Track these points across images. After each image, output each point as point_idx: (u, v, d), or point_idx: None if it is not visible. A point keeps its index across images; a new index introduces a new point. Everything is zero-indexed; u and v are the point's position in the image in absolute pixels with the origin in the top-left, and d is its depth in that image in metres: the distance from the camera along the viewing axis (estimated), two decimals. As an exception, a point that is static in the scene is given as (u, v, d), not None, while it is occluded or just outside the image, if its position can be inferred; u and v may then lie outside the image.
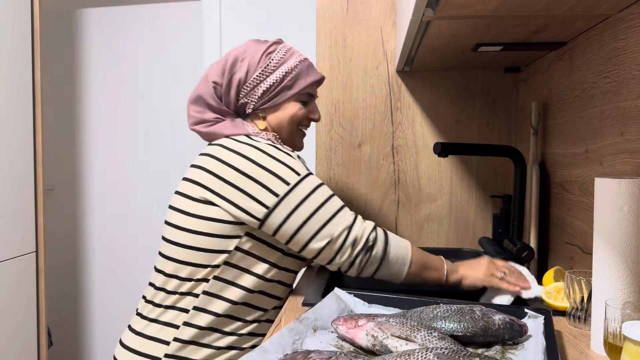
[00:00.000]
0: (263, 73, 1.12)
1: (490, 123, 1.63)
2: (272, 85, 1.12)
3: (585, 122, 1.10)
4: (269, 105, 1.13)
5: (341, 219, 1.02)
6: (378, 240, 1.04)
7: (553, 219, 1.30)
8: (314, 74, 1.17)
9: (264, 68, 1.12)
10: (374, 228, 1.04)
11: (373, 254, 1.03)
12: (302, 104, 1.16)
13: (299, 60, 1.15)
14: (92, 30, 2.78)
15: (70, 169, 2.85)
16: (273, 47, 1.15)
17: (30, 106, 2.06)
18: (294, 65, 1.14)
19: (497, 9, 0.91)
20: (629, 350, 0.65)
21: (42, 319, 2.12)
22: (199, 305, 1.04)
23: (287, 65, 1.13)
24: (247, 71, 1.12)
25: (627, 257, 0.78)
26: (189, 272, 1.05)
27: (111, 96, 2.79)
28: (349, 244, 1.01)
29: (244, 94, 1.13)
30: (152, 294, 1.09)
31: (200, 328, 1.04)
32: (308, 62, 1.17)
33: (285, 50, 1.16)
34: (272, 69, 1.12)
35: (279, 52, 1.14)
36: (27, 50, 2.04)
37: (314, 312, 0.85)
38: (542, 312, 0.86)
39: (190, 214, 1.05)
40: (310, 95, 1.18)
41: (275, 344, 0.71)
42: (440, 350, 0.65)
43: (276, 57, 1.14)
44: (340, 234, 1.01)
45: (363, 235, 1.02)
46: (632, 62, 0.90)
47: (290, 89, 1.14)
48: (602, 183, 0.81)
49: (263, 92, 1.12)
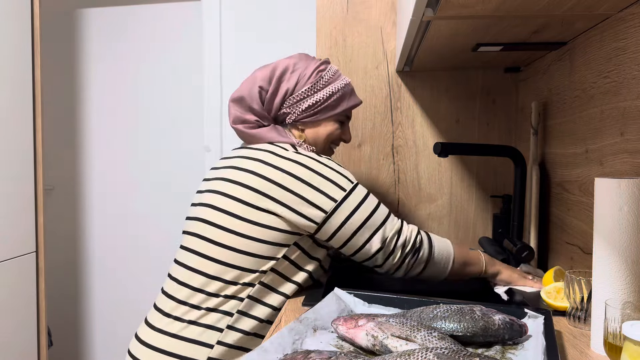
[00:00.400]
0: (312, 89, 1.17)
1: (490, 123, 1.63)
2: (317, 102, 1.17)
3: (585, 122, 1.10)
4: (310, 120, 1.19)
5: (391, 223, 1.09)
6: (424, 242, 1.11)
7: (553, 219, 1.30)
8: (356, 99, 1.25)
9: (313, 84, 1.17)
10: (418, 231, 1.11)
11: (420, 255, 1.10)
12: (339, 124, 1.23)
13: (345, 83, 1.22)
14: (92, 30, 2.78)
15: (70, 169, 2.85)
16: (324, 65, 1.21)
17: (30, 106, 2.06)
18: (340, 87, 1.20)
19: (497, 9, 0.91)
20: (629, 350, 0.65)
21: (42, 319, 2.12)
22: (243, 309, 1.04)
23: (335, 86, 1.19)
24: (297, 83, 1.17)
25: (627, 257, 0.78)
26: (235, 276, 1.04)
27: (111, 96, 2.79)
28: (399, 247, 1.08)
29: (288, 104, 1.17)
30: (187, 295, 1.06)
31: (245, 333, 1.04)
32: (351, 86, 1.24)
33: (334, 71, 1.22)
34: (321, 86, 1.18)
35: (329, 72, 1.20)
36: (27, 50, 2.04)
37: (314, 312, 0.85)
38: (542, 312, 0.86)
39: (246, 219, 1.05)
40: (347, 117, 1.25)
41: (275, 344, 0.71)
42: (440, 350, 0.65)
43: (326, 76, 1.19)
44: (392, 238, 1.08)
45: (411, 238, 1.09)
46: (632, 62, 0.90)
47: (334, 109, 1.20)
48: (602, 183, 0.81)
49: (308, 107, 1.17)
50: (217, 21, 2.50)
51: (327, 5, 1.65)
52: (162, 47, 2.72)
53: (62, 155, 2.85)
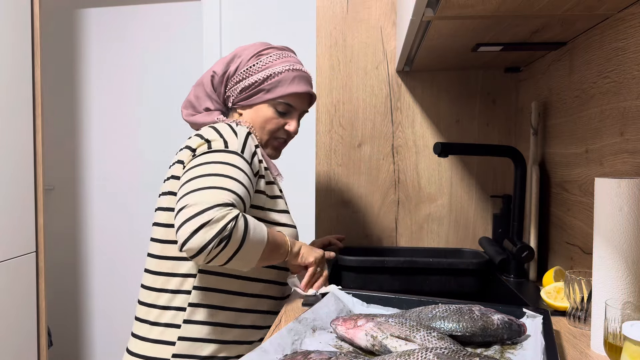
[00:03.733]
0: (248, 71, 1.15)
1: (490, 123, 1.63)
2: (251, 85, 1.14)
3: (585, 122, 1.10)
4: (244, 103, 1.16)
5: (213, 195, 0.92)
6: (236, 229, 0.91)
7: (553, 219, 1.30)
8: (298, 86, 1.15)
9: (250, 66, 1.15)
10: (235, 216, 0.92)
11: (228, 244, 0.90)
12: (278, 113, 1.16)
13: (287, 69, 1.15)
14: (92, 30, 2.78)
15: (70, 169, 2.85)
16: (269, 50, 1.17)
17: (30, 106, 2.06)
18: (278, 71, 1.14)
19: (497, 9, 0.91)
20: (629, 350, 0.64)
21: (42, 319, 2.12)
22: (194, 301, 1.05)
23: (272, 70, 1.14)
24: (237, 66, 1.16)
25: (627, 257, 0.78)
26: (170, 266, 1.07)
27: (111, 96, 2.79)
28: (203, 220, 0.88)
29: (229, 87, 1.17)
30: (145, 295, 1.10)
31: (204, 323, 1.05)
32: (299, 73, 1.16)
33: (278, 55, 1.17)
34: (256, 69, 1.14)
35: (271, 56, 1.16)
36: (27, 50, 2.04)
37: (313, 312, 0.85)
38: (541, 312, 0.86)
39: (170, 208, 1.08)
40: (290, 106, 1.16)
41: (274, 344, 0.71)
42: (440, 350, 0.65)
43: (265, 60, 1.15)
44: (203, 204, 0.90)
45: (221, 220, 0.89)
46: (632, 62, 0.90)
47: (267, 92, 1.14)
48: (602, 183, 0.81)
49: (242, 89, 1.15)
50: (217, 21, 2.50)
51: (327, 6, 1.65)
52: (162, 47, 2.72)
53: (62, 155, 2.85)
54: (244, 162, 1.02)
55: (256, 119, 1.15)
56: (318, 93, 1.67)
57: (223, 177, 0.97)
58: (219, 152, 1.01)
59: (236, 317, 1.08)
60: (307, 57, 2.45)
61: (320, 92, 1.66)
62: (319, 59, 1.66)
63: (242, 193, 0.98)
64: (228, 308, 1.07)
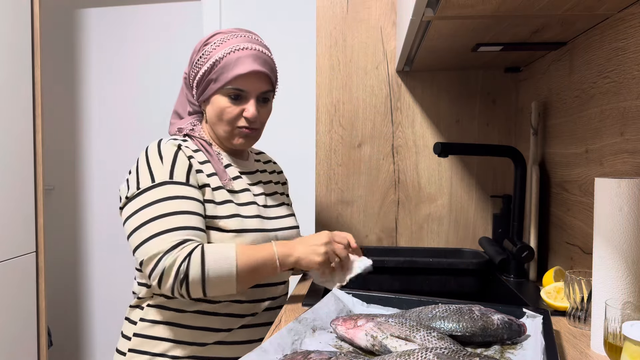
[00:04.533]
0: (197, 64, 1.09)
1: (490, 123, 1.63)
2: (202, 77, 1.08)
3: (585, 122, 1.10)
4: (202, 98, 1.10)
5: (158, 245, 0.93)
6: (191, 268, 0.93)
7: (553, 219, 1.30)
8: (241, 67, 1.04)
9: (198, 59, 1.09)
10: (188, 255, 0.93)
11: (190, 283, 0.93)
12: (232, 100, 1.07)
13: (228, 52, 1.05)
14: (93, 30, 2.78)
15: (70, 169, 2.85)
16: (214, 37, 1.09)
17: (30, 106, 2.06)
18: (220, 57, 1.05)
19: (497, 9, 0.91)
20: (629, 350, 0.64)
21: (42, 319, 2.12)
22: (151, 302, 1.08)
23: (215, 56, 1.05)
24: (191, 62, 1.11)
25: (627, 257, 0.78)
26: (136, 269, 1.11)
27: (111, 96, 2.79)
28: (158, 273, 0.93)
29: (191, 86, 1.13)
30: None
31: (156, 322, 1.06)
32: (242, 53, 1.05)
33: (221, 40, 1.07)
34: (203, 60, 1.07)
35: (214, 43, 1.07)
36: (27, 50, 2.04)
37: (313, 312, 0.85)
38: (541, 312, 0.86)
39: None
40: (240, 90, 1.06)
41: (274, 344, 0.71)
42: (440, 350, 0.65)
43: (209, 48, 1.07)
44: (153, 258, 0.93)
45: (173, 267, 0.92)
46: (632, 62, 0.90)
47: (215, 82, 1.06)
48: (602, 183, 0.81)
49: (197, 84, 1.10)
50: (217, 21, 2.50)
51: (327, 6, 1.65)
52: (163, 47, 2.72)
53: (62, 155, 2.85)
54: (177, 187, 0.99)
55: (214, 112, 1.08)
56: (318, 93, 1.67)
57: (163, 217, 0.95)
58: (146, 192, 0.98)
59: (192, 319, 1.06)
60: (307, 57, 2.45)
61: (320, 92, 1.66)
62: (319, 59, 1.66)
63: (189, 221, 0.96)
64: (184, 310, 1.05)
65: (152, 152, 1.03)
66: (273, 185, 1.26)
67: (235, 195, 1.09)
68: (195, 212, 0.99)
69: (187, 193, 0.99)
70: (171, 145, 1.04)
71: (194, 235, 0.96)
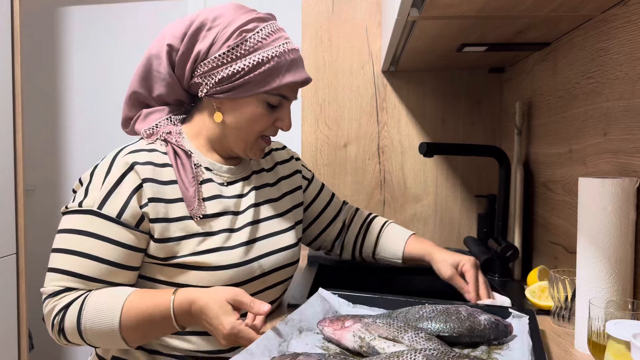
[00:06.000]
0: (229, 54, 0.87)
1: (474, 123, 1.64)
2: (235, 73, 0.87)
3: (568, 122, 1.11)
4: (225, 96, 0.89)
5: (48, 281, 0.84)
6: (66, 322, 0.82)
7: (537, 219, 1.31)
8: (296, 74, 0.90)
9: (233, 47, 0.87)
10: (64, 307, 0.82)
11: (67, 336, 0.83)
12: (269, 108, 0.91)
13: (283, 50, 0.89)
14: (74, 29, 2.74)
15: (51, 170, 2.80)
16: (255, 23, 0.89)
17: (10, 105, 2.02)
18: (273, 55, 0.87)
19: (482, 9, 0.91)
20: (612, 348, 0.65)
21: (23, 322, 2.08)
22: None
23: (264, 53, 0.87)
24: (212, 44, 0.88)
25: (610, 256, 0.79)
26: None
27: (93, 95, 2.75)
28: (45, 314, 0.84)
29: (200, 72, 0.89)
30: None
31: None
32: (295, 55, 0.91)
33: (269, 31, 0.90)
34: (242, 51, 0.87)
35: (260, 32, 0.88)
36: (6, 49, 2.00)
37: (299, 313, 0.84)
38: (527, 312, 0.87)
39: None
40: (284, 98, 0.92)
41: (261, 346, 0.70)
42: (429, 351, 0.65)
43: (253, 38, 0.87)
44: (42, 295, 0.85)
45: (50, 316, 0.83)
46: (614, 62, 0.91)
47: (259, 85, 0.87)
48: (585, 183, 0.81)
49: (222, 79, 0.88)
50: (201, 20, 2.48)
51: (313, 5, 1.64)
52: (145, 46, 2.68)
53: (43, 156, 2.81)
54: (100, 222, 0.83)
55: (241, 116, 0.90)
56: (303, 93, 1.66)
57: (64, 253, 0.84)
58: (69, 215, 0.86)
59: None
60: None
61: (306, 92, 1.66)
62: (305, 59, 1.65)
63: (87, 269, 0.82)
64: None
65: (102, 166, 0.88)
66: (270, 190, 1.03)
67: (208, 224, 0.89)
68: (103, 258, 0.83)
69: (107, 232, 0.83)
70: (123, 164, 0.85)
71: (80, 284, 0.82)
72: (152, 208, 0.85)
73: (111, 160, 0.88)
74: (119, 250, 0.83)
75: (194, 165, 0.90)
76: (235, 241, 0.91)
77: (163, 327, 0.81)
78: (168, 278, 0.88)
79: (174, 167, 0.89)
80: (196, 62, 0.89)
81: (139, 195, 0.84)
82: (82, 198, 0.86)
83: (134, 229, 0.84)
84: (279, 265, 0.98)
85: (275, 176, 1.06)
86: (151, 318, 0.80)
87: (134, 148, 0.90)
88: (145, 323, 0.80)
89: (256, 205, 0.97)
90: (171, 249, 0.86)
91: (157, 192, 0.86)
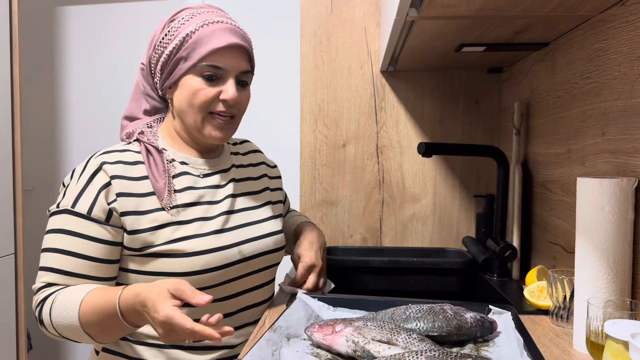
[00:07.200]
0: (161, 45, 0.94)
1: (473, 123, 1.64)
2: (168, 57, 0.93)
3: (567, 122, 1.11)
4: (167, 82, 0.95)
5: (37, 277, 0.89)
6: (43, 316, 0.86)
7: (536, 219, 1.31)
8: (219, 40, 0.90)
9: (163, 38, 0.94)
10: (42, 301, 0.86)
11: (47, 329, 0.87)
12: (208, 81, 0.92)
13: (200, 25, 0.91)
14: (73, 29, 2.74)
15: (50, 170, 2.80)
16: (181, 12, 0.95)
17: (8, 105, 2.01)
18: (191, 31, 0.91)
19: (480, 9, 0.91)
20: (611, 348, 0.65)
21: (22, 322, 2.08)
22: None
23: (185, 31, 0.91)
24: (154, 45, 0.96)
25: (608, 256, 0.79)
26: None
27: (92, 95, 2.75)
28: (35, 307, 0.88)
29: (154, 72, 0.97)
30: None
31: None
32: (218, 26, 0.92)
33: (191, 14, 0.93)
34: (170, 38, 0.92)
35: (183, 18, 0.93)
36: (5, 49, 1.99)
37: (285, 319, 0.82)
38: (507, 308, 0.87)
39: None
40: (217, 68, 0.92)
41: (256, 356, 0.69)
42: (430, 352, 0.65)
43: (176, 24, 0.93)
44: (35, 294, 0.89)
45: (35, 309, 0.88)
46: (613, 62, 0.91)
47: (186, 59, 0.91)
48: (584, 183, 0.81)
49: (162, 67, 0.95)
50: (200, 20, 2.48)
51: (311, 5, 1.64)
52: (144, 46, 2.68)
53: (42, 156, 2.80)
54: (73, 219, 0.88)
55: (183, 96, 0.93)
56: (302, 92, 1.66)
57: (46, 252, 0.88)
58: (52, 216, 0.91)
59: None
60: (292, 56, 2.44)
61: (305, 92, 1.66)
62: (303, 59, 1.65)
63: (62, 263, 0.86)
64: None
65: (79, 169, 0.93)
66: (251, 183, 1.08)
67: (180, 213, 0.92)
68: (79, 254, 0.87)
69: (80, 229, 0.87)
70: (93, 164, 0.91)
71: (59, 279, 0.87)
72: (120, 203, 0.89)
73: (86, 162, 0.94)
74: (94, 245, 0.88)
75: (167, 161, 0.96)
76: (209, 228, 0.94)
77: (115, 323, 0.82)
78: (141, 267, 0.91)
79: (145, 163, 0.94)
80: (150, 65, 0.98)
81: (107, 192, 0.89)
82: (61, 199, 0.91)
83: (105, 223, 0.88)
84: (262, 251, 1.02)
85: (260, 172, 1.13)
86: (104, 314, 0.81)
87: (108, 150, 0.96)
88: (100, 319, 0.82)
89: (234, 196, 1.01)
90: (145, 239, 0.89)
91: (127, 188, 0.90)
